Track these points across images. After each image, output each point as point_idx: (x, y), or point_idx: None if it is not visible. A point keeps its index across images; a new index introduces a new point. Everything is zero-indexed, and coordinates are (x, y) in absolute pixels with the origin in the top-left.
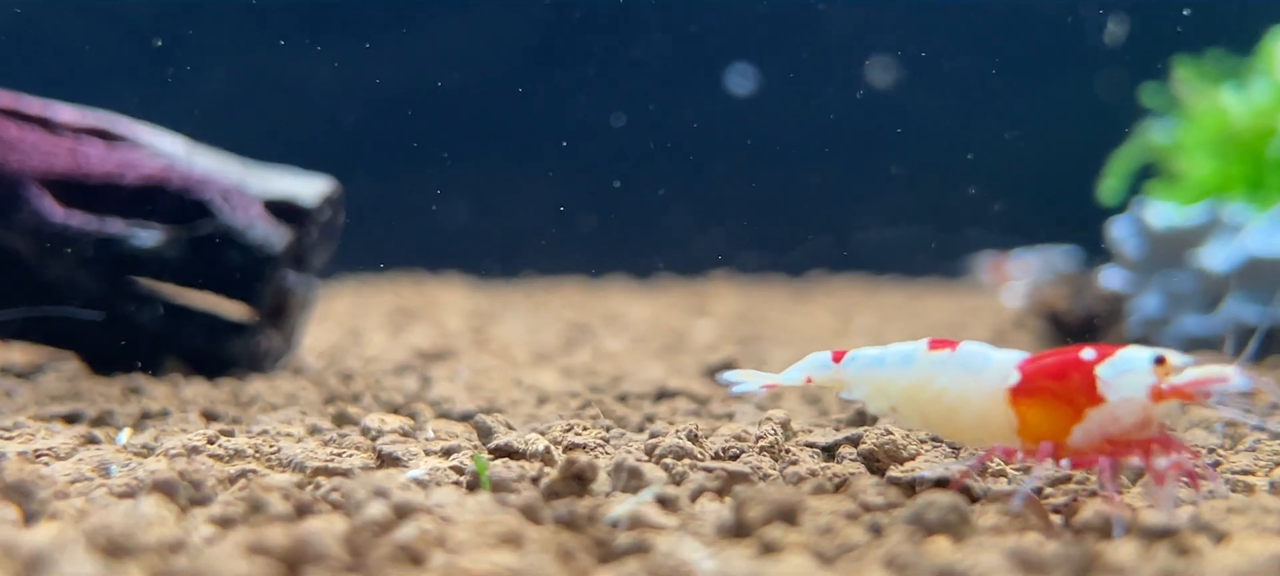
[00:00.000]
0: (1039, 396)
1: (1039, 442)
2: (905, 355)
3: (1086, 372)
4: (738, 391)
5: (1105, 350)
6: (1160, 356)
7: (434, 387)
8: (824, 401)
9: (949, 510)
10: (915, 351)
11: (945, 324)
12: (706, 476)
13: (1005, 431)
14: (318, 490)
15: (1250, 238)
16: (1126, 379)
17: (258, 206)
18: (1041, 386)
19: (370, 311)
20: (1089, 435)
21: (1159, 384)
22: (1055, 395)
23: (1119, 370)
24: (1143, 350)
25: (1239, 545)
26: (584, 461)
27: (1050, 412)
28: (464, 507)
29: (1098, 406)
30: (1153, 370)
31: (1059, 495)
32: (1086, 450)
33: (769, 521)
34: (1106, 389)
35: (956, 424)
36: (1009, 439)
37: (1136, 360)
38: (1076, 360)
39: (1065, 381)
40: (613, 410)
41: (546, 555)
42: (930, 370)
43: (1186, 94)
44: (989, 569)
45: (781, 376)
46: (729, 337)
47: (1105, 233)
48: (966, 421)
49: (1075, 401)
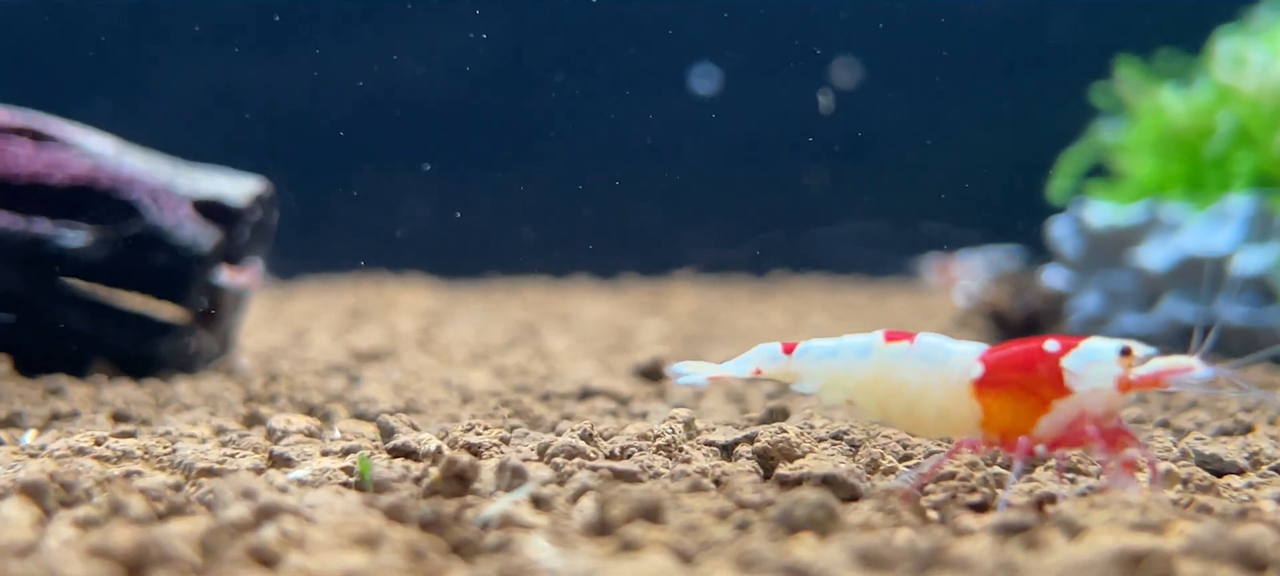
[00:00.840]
0: (1004, 388)
1: (1003, 434)
2: (861, 347)
3: (1052, 364)
4: (683, 382)
5: (1068, 342)
6: (1125, 347)
7: (361, 388)
8: (747, 399)
9: (816, 507)
10: (871, 343)
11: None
12: (591, 476)
13: (968, 424)
14: (197, 490)
15: (1187, 237)
16: (1093, 370)
17: (186, 207)
18: (1007, 378)
19: (324, 313)
20: (1055, 426)
21: (1125, 374)
22: (1021, 387)
23: (1085, 361)
24: (1107, 341)
25: (1091, 540)
26: (465, 461)
27: (1016, 404)
28: (332, 509)
29: (1065, 397)
30: (1119, 361)
31: (939, 492)
32: (1050, 441)
33: (631, 520)
34: (1073, 380)
35: (917, 416)
36: (972, 431)
37: (1102, 351)
38: (1041, 352)
39: (1031, 373)
40: (530, 410)
41: (398, 556)
42: (889, 362)
43: (1129, 94)
44: (832, 564)
45: (729, 367)
46: (675, 337)
47: (1046, 232)
48: (928, 414)
49: (1041, 393)
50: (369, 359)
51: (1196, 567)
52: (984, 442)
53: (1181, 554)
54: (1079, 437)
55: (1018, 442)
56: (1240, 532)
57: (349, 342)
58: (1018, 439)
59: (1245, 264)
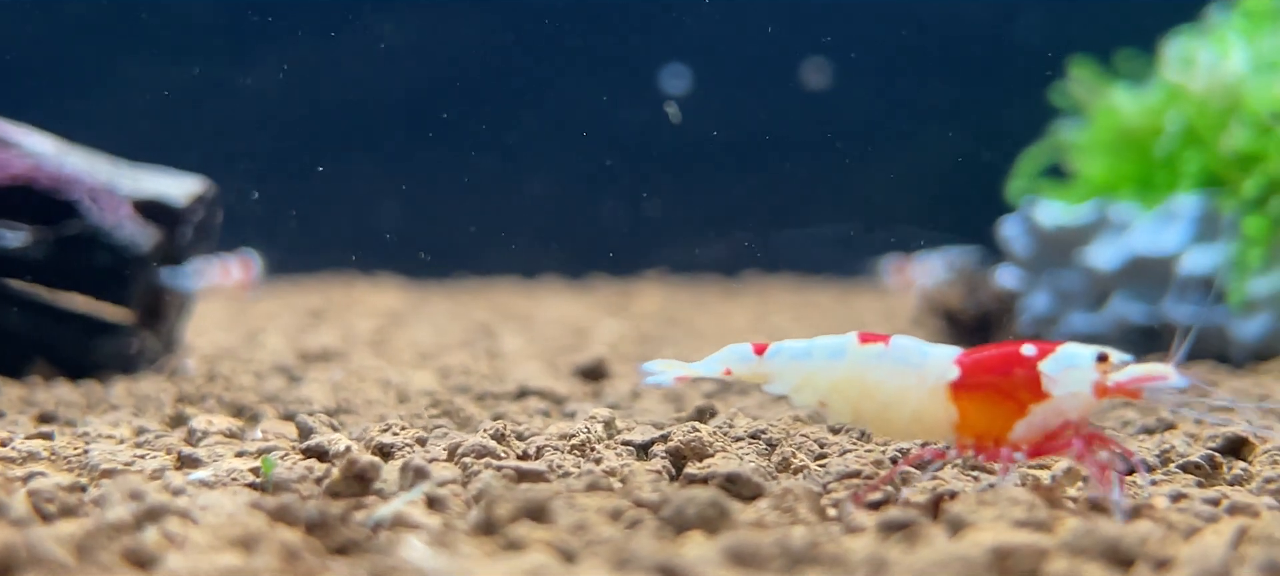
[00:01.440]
0: (981, 392)
1: (978, 438)
2: (835, 348)
3: (1030, 368)
4: (651, 382)
5: (1045, 346)
6: (1102, 353)
7: (299, 389)
8: (684, 399)
9: (707, 505)
10: (845, 344)
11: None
12: (495, 476)
13: (943, 427)
14: (98, 490)
15: (1135, 236)
16: (1071, 375)
17: (127, 207)
18: (984, 382)
19: (285, 313)
20: (1032, 430)
21: (1102, 380)
22: (998, 390)
23: (1063, 366)
24: (1084, 347)
25: (972, 536)
26: (365, 461)
27: (993, 408)
28: (220, 510)
29: (1042, 402)
30: (1096, 367)
31: (841, 489)
32: (1025, 446)
33: (517, 519)
34: (1051, 384)
35: (891, 419)
36: (946, 435)
37: (1080, 356)
38: (1019, 355)
39: (1009, 377)
40: (461, 410)
41: (272, 557)
42: (863, 364)
43: (1083, 94)
44: (704, 563)
45: (698, 368)
46: (632, 337)
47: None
48: (902, 417)
49: (1019, 397)
50: (316, 360)
51: (1064, 564)
52: (958, 446)
53: (1051, 551)
54: (1055, 442)
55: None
56: (1108, 529)
57: (300, 344)
58: (992, 443)
59: (1192, 263)
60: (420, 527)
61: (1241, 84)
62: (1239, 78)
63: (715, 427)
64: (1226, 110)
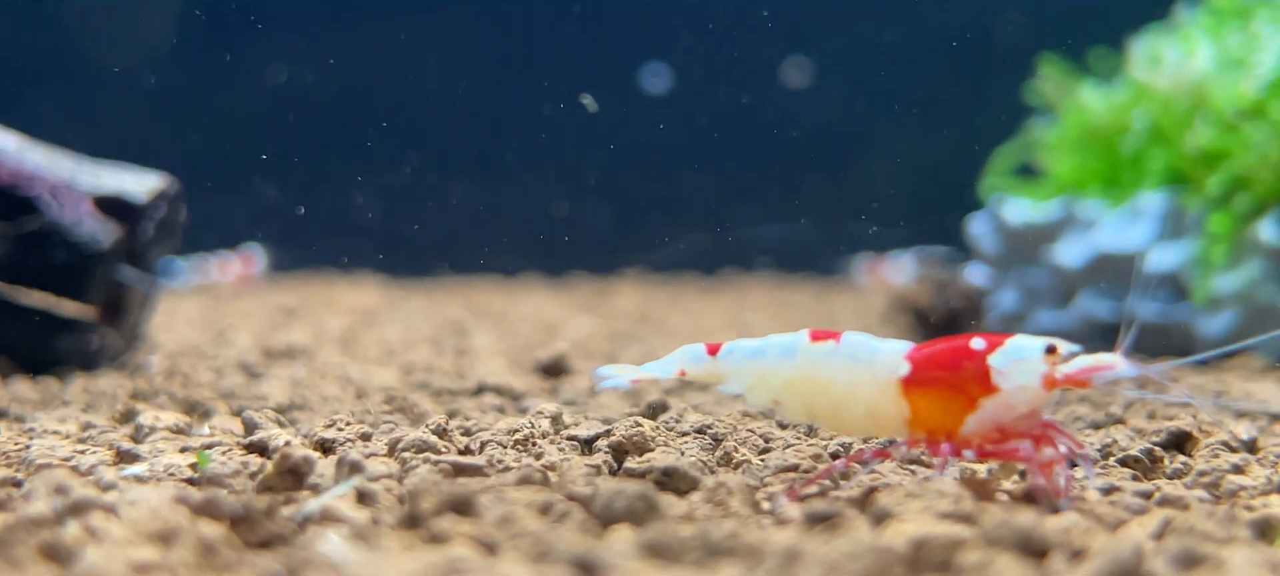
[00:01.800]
0: (932, 387)
1: (930, 433)
2: (786, 346)
3: (979, 362)
4: (605, 386)
5: (994, 339)
6: (1051, 345)
7: (258, 386)
8: (643, 395)
9: (635, 499)
10: (796, 343)
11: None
12: (431, 470)
13: (895, 423)
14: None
15: (1102, 234)
16: (1019, 368)
17: (87, 203)
18: (934, 377)
19: (259, 311)
20: (982, 424)
21: (1051, 372)
22: (948, 385)
23: (1011, 359)
24: (1032, 339)
25: (896, 528)
26: (299, 456)
27: (943, 403)
28: (145, 505)
29: (992, 396)
30: (1044, 359)
31: (777, 483)
32: (977, 440)
33: (441, 513)
34: (1000, 378)
35: (844, 416)
36: (899, 430)
37: (1028, 349)
38: (967, 349)
39: (958, 371)
40: (416, 406)
41: (188, 552)
42: (815, 361)
43: (1052, 92)
44: (618, 555)
45: (653, 370)
46: (602, 334)
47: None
48: (855, 413)
49: (969, 391)
50: (281, 357)
51: (977, 554)
52: (910, 442)
53: (966, 541)
54: (1006, 438)
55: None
56: (1023, 520)
57: (268, 341)
58: (945, 438)
59: (1158, 261)
60: (345, 522)
61: (1207, 82)
62: (1204, 75)
63: (663, 422)
64: (1192, 108)
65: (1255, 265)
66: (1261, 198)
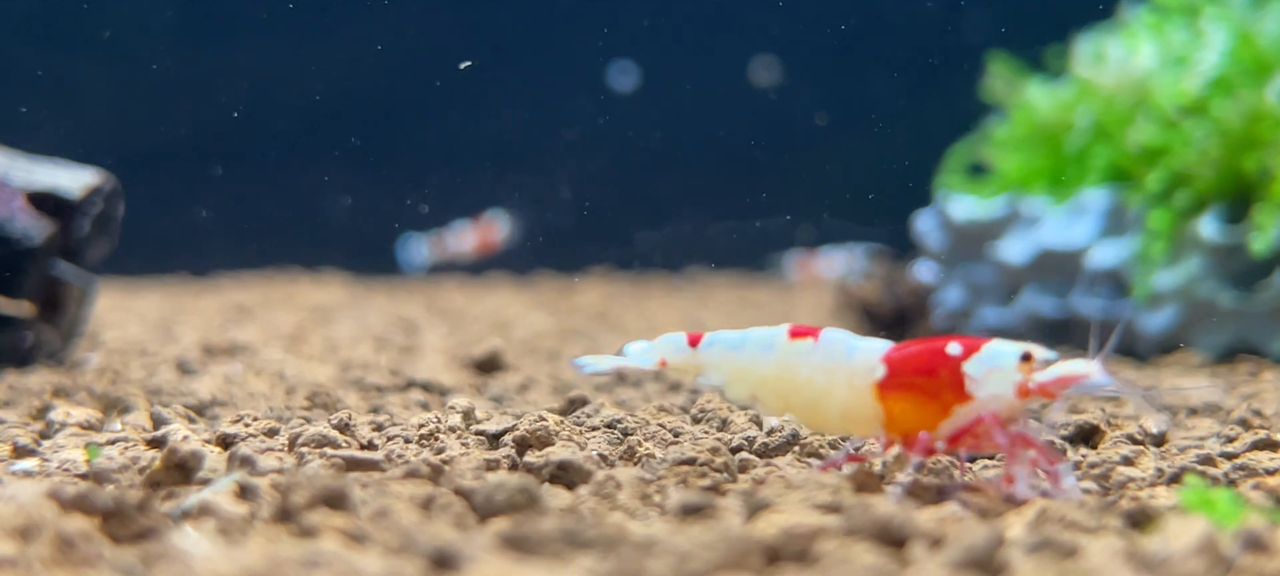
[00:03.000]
0: (907, 391)
1: (905, 437)
2: (766, 341)
3: (954, 369)
4: (588, 371)
5: (970, 345)
6: (1026, 353)
7: (189, 382)
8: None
9: (516, 492)
10: (775, 338)
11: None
12: (323, 464)
13: (871, 424)
14: None
15: (1045, 230)
16: (994, 376)
17: (20, 199)
18: (909, 381)
19: (214, 309)
20: (956, 431)
21: (1025, 381)
22: (923, 391)
23: (986, 366)
24: (1009, 345)
25: (767, 519)
26: (186, 451)
27: (918, 408)
28: (16, 500)
29: (965, 403)
30: (1019, 367)
31: (671, 477)
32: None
33: (313, 507)
34: (974, 386)
35: (821, 415)
36: (874, 431)
37: (1003, 356)
38: (943, 355)
39: (933, 377)
40: (340, 401)
41: (47, 547)
42: (793, 358)
43: (1000, 89)
44: (474, 547)
45: (634, 359)
46: (554, 331)
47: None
48: (831, 413)
49: (943, 397)
50: (222, 354)
51: (834, 543)
52: (886, 444)
53: (825, 531)
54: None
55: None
56: (881, 509)
57: (214, 338)
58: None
59: (1100, 258)
60: (220, 515)
61: (1149, 79)
62: (1147, 73)
63: (575, 418)
64: (1134, 105)
65: (1195, 261)
66: (1201, 194)
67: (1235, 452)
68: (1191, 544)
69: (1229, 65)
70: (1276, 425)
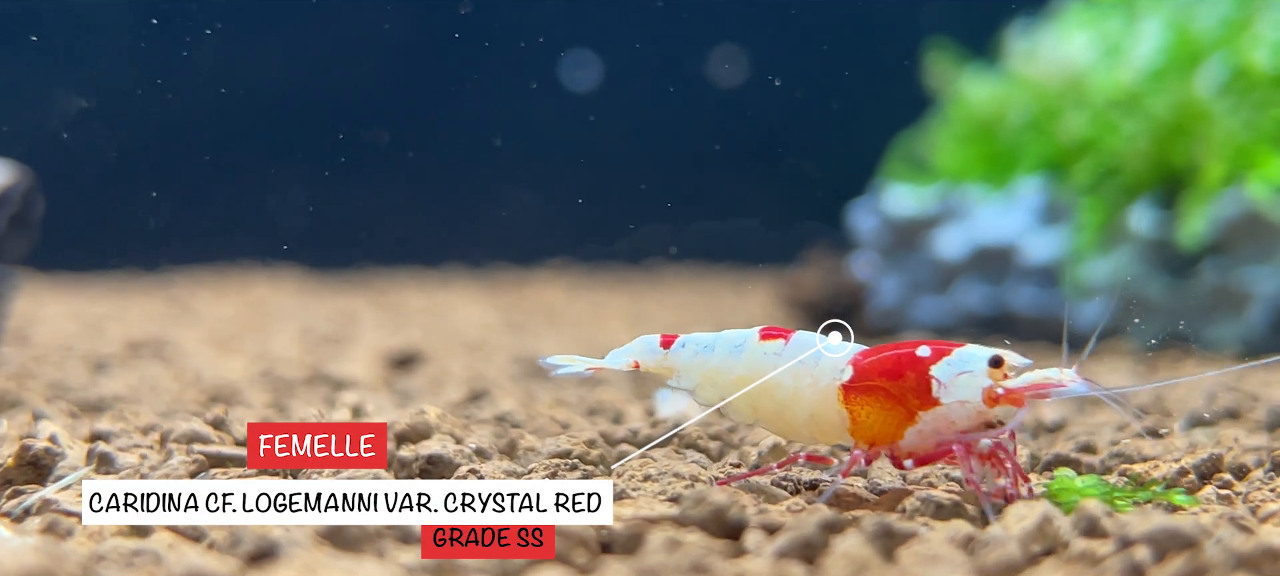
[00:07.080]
0: (872, 395)
1: (872, 444)
2: (736, 344)
3: (922, 372)
4: (560, 373)
5: (941, 348)
6: (997, 358)
7: (97, 380)
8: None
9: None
10: (746, 340)
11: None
12: (184, 460)
13: (837, 430)
14: None
15: (979, 223)
16: (961, 381)
17: None
18: (875, 385)
19: (152, 305)
20: (923, 437)
21: (994, 387)
22: (889, 395)
23: (954, 371)
24: (980, 350)
25: (614, 510)
26: (39, 448)
27: (883, 413)
28: None
29: (931, 409)
30: (988, 372)
31: (541, 470)
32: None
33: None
34: (941, 391)
35: (788, 420)
36: (841, 437)
37: (972, 361)
38: (912, 358)
39: (900, 381)
40: (242, 397)
41: None
42: (761, 361)
43: (938, 81)
44: (293, 542)
45: (608, 360)
46: (496, 326)
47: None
48: (798, 418)
49: (908, 403)
50: (144, 352)
51: (667, 533)
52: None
53: (660, 521)
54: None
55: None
56: (716, 498)
57: (140, 336)
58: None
59: (1033, 250)
60: (61, 513)
61: (1081, 70)
62: (1079, 64)
63: (467, 411)
64: (1067, 96)
65: (1126, 252)
66: (1131, 186)
67: (1117, 438)
68: (1028, 528)
69: (1163, 58)
70: (1178, 413)
